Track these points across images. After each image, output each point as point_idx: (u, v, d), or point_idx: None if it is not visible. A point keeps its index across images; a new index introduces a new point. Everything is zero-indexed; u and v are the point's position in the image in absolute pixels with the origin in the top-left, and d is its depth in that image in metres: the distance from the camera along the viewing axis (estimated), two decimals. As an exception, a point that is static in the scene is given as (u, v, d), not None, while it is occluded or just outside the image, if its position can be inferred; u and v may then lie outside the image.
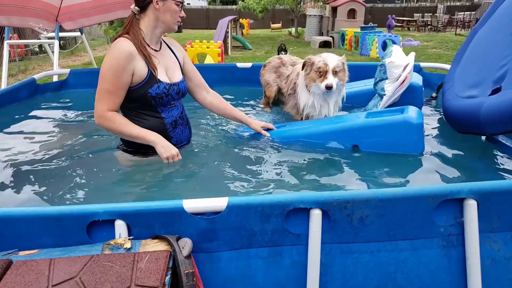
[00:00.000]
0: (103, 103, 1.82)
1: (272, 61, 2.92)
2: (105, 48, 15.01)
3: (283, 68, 2.83)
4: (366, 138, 2.05)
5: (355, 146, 2.09)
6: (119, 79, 1.79)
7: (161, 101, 1.92)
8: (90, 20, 4.49)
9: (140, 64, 1.83)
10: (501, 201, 1.20)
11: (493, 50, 2.24)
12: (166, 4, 1.86)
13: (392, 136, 2.01)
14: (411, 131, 1.98)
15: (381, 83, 2.40)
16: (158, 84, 1.88)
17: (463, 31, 17.79)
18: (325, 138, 2.14)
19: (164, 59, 1.98)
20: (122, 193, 1.74)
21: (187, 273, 1.02)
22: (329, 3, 14.34)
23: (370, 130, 2.04)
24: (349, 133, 2.09)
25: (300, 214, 1.18)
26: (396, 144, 2.01)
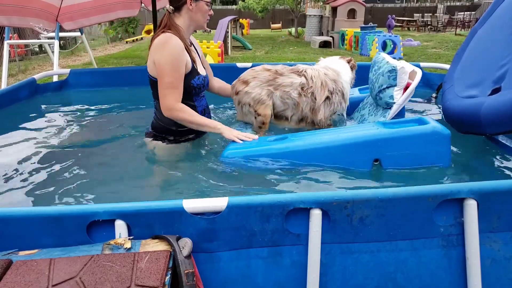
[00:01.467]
0: (171, 97, 1.96)
1: (257, 75, 2.26)
2: (105, 48, 15.01)
3: (282, 78, 2.24)
4: (390, 151, 1.79)
5: (376, 160, 1.81)
6: (178, 72, 1.95)
7: (199, 91, 2.14)
8: (90, 20, 4.49)
9: (187, 57, 2.02)
10: (501, 201, 1.20)
11: (493, 50, 2.24)
12: (199, 5, 2.04)
13: (419, 148, 1.80)
14: (440, 142, 1.79)
15: (389, 90, 2.18)
16: (198, 76, 2.10)
17: (463, 31, 17.78)
18: (342, 151, 1.80)
19: (195, 53, 2.22)
20: (122, 193, 1.74)
21: (187, 273, 1.02)
22: (329, 3, 14.34)
23: (396, 141, 1.79)
24: (371, 145, 1.79)
25: (300, 214, 1.18)
26: (422, 157, 1.81)
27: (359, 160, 1.80)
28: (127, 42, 16.86)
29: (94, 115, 2.90)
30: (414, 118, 1.99)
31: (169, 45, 1.92)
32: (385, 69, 2.22)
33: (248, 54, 11.98)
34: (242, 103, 2.29)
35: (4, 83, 5.31)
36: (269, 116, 2.25)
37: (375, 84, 2.29)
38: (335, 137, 1.83)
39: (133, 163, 2.03)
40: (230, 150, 1.91)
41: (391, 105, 2.21)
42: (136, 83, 3.53)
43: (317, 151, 1.81)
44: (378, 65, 2.40)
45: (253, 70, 2.33)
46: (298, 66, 2.33)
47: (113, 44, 16.26)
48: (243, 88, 2.27)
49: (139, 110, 2.98)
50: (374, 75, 2.38)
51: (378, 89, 2.25)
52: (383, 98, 2.24)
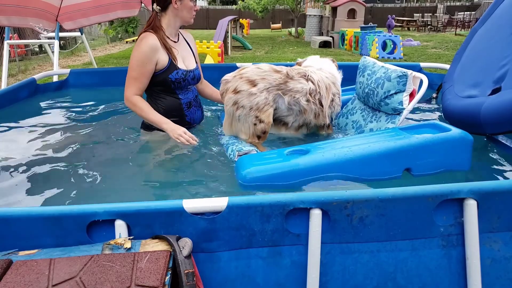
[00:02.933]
0: (130, 89, 2.16)
1: (266, 76, 2.04)
2: (105, 48, 15.01)
3: (293, 82, 2.08)
4: (422, 159, 1.74)
5: (407, 169, 1.77)
6: (143, 68, 2.12)
7: (179, 85, 2.24)
8: (90, 20, 4.48)
9: (162, 54, 2.15)
10: (501, 201, 1.21)
11: (493, 50, 2.24)
12: (183, 3, 2.17)
13: (448, 154, 1.77)
14: (467, 147, 1.78)
15: (397, 96, 2.12)
16: (177, 70, 2.20)
17: (463, 31, 17.79)
18: (376, 162, 1.71)
19: (181, 49, 2.30)
20: (122, 193, 1.74)
21: (187, 273, 1.02)
22: (329, 3, 14.34)
23: (428, 149, 1.74)
24: (405, 155, 1.72)
25: (300, 214, 1.18)
26: (448, 163, 1.78)
27: (392, 170, 1.75)
28: (127, 42, 16.86)
29: (94, 115, 2.90)
30: (428, 123, 1.97)
31: (141, 43, 2.12)
32: (391, 74, 2.15)
33: (248, 54, 11.98)
34: (240, 105, 2.02)
35: (4, 83, 5.31)
36: (271, 123, 2.08)
37: (377, 90, 2.20)
38: (367, 148, 1.71)
39: (133, 163, 2.03)
40: (248, 169, 1.66)
41: (400, 110, 2.14)
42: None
43: (350, 163, 1.68)
44: (371, 69, 2.34)
45: (260, 69, 2.07)
46: (300, 69, 2.18)
47: (113, 44, 16.26)
48: (247, 88, 2.01)
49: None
50: (369, 79, 2.31)
51: (383, 95, 2.16)
52: (391, 104, 2.15)
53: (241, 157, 1.86)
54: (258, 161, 1.72)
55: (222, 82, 2.12)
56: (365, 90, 2.33)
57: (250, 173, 1.65)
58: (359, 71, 2.45)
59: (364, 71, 2.39)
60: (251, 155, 1.85)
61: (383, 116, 2.25)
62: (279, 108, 2.10)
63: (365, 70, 2.39)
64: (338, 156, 1.69)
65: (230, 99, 2.05)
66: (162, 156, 2.11)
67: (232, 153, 1.97)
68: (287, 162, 1.68)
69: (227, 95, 2.07)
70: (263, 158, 1.76)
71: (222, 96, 2.13)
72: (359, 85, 2.42)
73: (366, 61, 2.44)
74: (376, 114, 2.31)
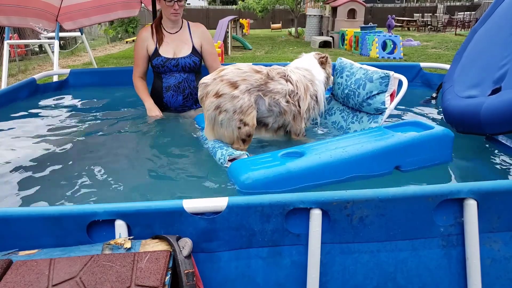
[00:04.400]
0: (134, 72, 2.77)
1: (247, 77, 1.97)
2: (105, 48, 15.01)
3: (273, 83, 2.03)
4: (411, 156, 1.80)
5: (396, 167, 1.82)
6: (137, 54, 2.72)
7: (158, 69, 2.66)
8: (90, 20, 4.48)
9: (151, 43, 2.65)
10: (501, 201, 1.20)
11: (493, 50, 2.24)
12: (161, 2, 2.58)
13: (434, 150, 1.85)
14: (449, 143, 1.87)
15: (379, 96, 2.18)
16: (157, 57, 2.63)
17: (463, 31, 17.79)
18: (369, 161, 1.74)
19: (175, 39, 2.67)
20: (122, 193, 1.74)
21: (187, 273, 1.02)
22: (329, 3, 14.34)
23: (416, 146, 1.80)
24: (395, 153, 1.78)
25: (300, 214, 1.18)
26: (433, 159, 1.86)
27: (384, 168, 1.79)
28: (127, 42, 16.86)
29: (94, 115, 2.90)
30: (410, 121, 2.04)
31: (137, 35, 2.74)
32: (373, 75, 2.19)
33: (248, 54, 11.98)
34: (223, 109, 1.94)
35: (4, 83, 5.31)
36: (255, 126, 2.02)
37: (359, 91, 2.24)
38: (360, 147, 1.75)
39: (133, 163, 2.03)
40: (247, 175, 1.62)
41: (382, 110, 2.19)
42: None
43: (346, 163, 1.70)
44: (349, 70, 2.37)
45: (240, 69, 2.01)
46: (279, 68, 2.13)
47: (113, 44, 16.27)
48: (230, 91, 1.93)
49: (139, 110, 2.97)
50: (348, 80, 2.34)
51: (366, 96, 2.20)
52: (373, 104, 2.20)
53: (234, 162, 1.79)
54: (255, 166, 1.67)
55: (201, 86, 2.02)
56: (345, 91, 2.36)
57: (250, 179, 1.60)
58: (336, 72, 2.48)
59: (342, 72, 2.42)
60: (245, 160, 1.79)
61: (365, 116, 2.29)
62: (260, 109, 2.04)
63: (343, 71, 2.42)
64: (334, 157, 1.69)
65: (211, 104, 1.96)
66: (163, 156, 2.10)
67: (222, 158, 1.89)
68: (285, 165, 1.65)
69: (208, 99, 1.97)
70: (259, 162, 1.72)
71: (202, 100, 2.03)
72: (337, 86, 2.44)
73: (343, 63, 2.47)
74: (357, 115, 2.34)
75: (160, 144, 2.26)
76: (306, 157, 1.71)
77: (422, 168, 1.83)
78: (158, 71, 2.67)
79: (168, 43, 2.64)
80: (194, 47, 2.67)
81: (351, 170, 1.72)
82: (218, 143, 2.04)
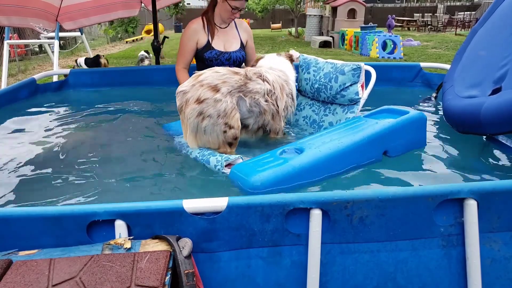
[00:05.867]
0: (178, 63, 2.71)
1: (226, 79, 1.95)
2: (105, 48, 15.01)
3: (252, 83, 2.02)
4: (394, 141, 1.94)
5: (384, 152, 1.94)
6: (184, 46, 2.67)
7: (211, 62, 2.64)
8: (90, 20, 4.48)
9: (202, 36, 2.64)
10: (501, 201, 1.20)
11: (493, 50, 2.24)
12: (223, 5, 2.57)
13: (415, 134, 2.01)
14: (424, 126, 2.04)
15: (353, 87, 2.28)
16: (211, 50, 2.63)
17: (463, 31, 17.79)
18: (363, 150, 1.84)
19: (226, 34, 2.71)
20: (122, 193, 1.74)
21: (187, 273, 1.02)
22: (329, 3, 14.34)
23: (400, 130, 1.94)
24: (383, 138, 1.89)
25: (300, 214, 1.18)
26: (413, 143, 2.02)
27: (376, 154, 1.91)
28: (127, 42, 16.87)
29: (94, 115, 2.90)
30: (383, 109, 2.19)
31: (186, 27, 2.70)
32: (344, 68, 2.30)
33: (248, 54, 11.94)
34: (207, 114, 1.88)
35: (4, 83, 5.32)
36: (240, 128, 1.98)
37: (331, 84, 2.33)
38: (354, 137, 1.83)
39: (133, 163, 2.03)
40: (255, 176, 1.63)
41: (356, 100, 2.30)
42: (136, 83, 3.54)
43: (344, 154, 1.77)
44: (315, 65, 2.45)
45: (218, 72, 1.97)
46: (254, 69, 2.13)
47: (113, 44, 16.27)
48: (212, 95, 1.87)
49: (139, 110, 2.98)
50: (316, 75, 2.42)
51: (339, 88, 2.30)
52: (347, 96, 2.29)
53: (237, 165, 1.78)
54: (260, 167, 1.68)
55: (179, 94, 1.95)
56: (315, 85, 2.44)
57: (259, 180, 1.60)
58: (301, 68, 2.55)
59: (308, 68, 2.50)
60: (247, 162, 1.78)
61: (338, 108, 2.38)
62: (241, 110, 2.01)
63: (309, 67, 2.49)
64: (333, 149, 1.75)
65: (193, 111, 1.89)
66: (163, 156, 2.11)
67: (219, 164, 1.84)
68: (289, 163, 1.68)
69: (189, 107, 1.90)
70: (262, 163, 1.73)
71: (181, 110, 1.95)
72: (304, 82, 2.51)
73: (307, 59, 2.55)
74: (329, 108, 2.43)
75: (160, 144, 2.26)
76: (306, 152, 1.74)
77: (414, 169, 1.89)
78: (209, 64, 2.61)
79: (219, 37, 2.67)
80: (241, 43, 2.76)
81: (351, 160, 1.80)
82: (206, 150, 1.98)
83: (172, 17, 13.32)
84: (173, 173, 1.89)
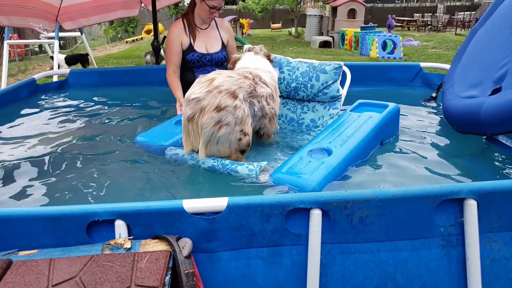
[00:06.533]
0: (167, 67, 2.73)
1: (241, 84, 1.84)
2: (105, 48, 15.01)
3: (259, 87, 1.96)
4: (387, 131, 2.19)
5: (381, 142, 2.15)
6: (170, 49, 2.70)
7: (193, 64, 2.72)
8: (90, 20, 4.49)
9: (185, 38, 2.70)
10: (501, 201, 1.20)
11: (493, 50, 2.24)
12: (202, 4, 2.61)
13: (396, 123, 2.30)
14: (399, 115, 2.32)
15: (334, 85, 2.39)
16: (193, 52, 2.69)
17: (463, 31, 17.78)
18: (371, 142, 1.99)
19: (206, 35, 2.75)
20: (122, 193, 1.74)
21: (187, 273, 1.02)
22: (329, 3, 14.34)
23: (390, 122, 2.19)
24: (381, 131, 2.11)
25: (300, 214, 1.18)
26: (393, 131, 2.29)
27: (377, 144, 2.12)
28: (127, 42, 16.87)
29: (94, 115, 2.90)
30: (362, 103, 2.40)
31: (169, 31, 2.72)
32: (325, 67, 2.39)
33: (248, 54, 11.94)
34: (225, 122, 1.75)
35: (4, 83, 5.32)
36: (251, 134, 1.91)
37: (311, 83, 2.41)
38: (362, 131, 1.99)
39: (133, 163, 2.03)
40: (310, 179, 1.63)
41: (337, 97, 2.42)
42: (136, 83, 3.55)
43: (363, 148, 1.94)
44: (288, 65, 2.52)
45: (230, 76, 1.85)
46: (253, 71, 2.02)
47: (113, 44, 16.28)
48: (231, 102, 1.75)
49: (139, 110, 2.98)
50: (291, 75, 2.48)
51: (321, 86, 2.39)
52: (329, 93, 2.41)
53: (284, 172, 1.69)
54: (306, 170, 1.69)
55: (190, 102, 1.76)
56: (291, 84, 2.49)
57: (315, 181, 1.62)
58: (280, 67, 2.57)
59: (281, 68, 2.54)
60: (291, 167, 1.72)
61: (318, 105, 2.47)
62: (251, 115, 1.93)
63: (282, 67, 2.55)
64: (355, 146, 1.88)
65: (211, 120, 1.73)
66: (163, 156, 2.10)
67: (252, 173, 1.75)
68: (329, 162, 1.73)
69: (205, 115, 1.72)
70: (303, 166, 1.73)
71: (193, 119, 1.76)
72: (279, 81, 2.49)
73: (277, 58, 2.61)
74: (307, 105, 2.51)
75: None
76: (336, 152, 1.82)
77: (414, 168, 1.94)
78: (191, 66, 2.73)
79: (200, 39, 2.72)
80: (223, 43, 2.80)
81: (366, 152, 1.98)
82: (223, 160, 1.86)
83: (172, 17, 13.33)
84: (173, 173, 1.89)
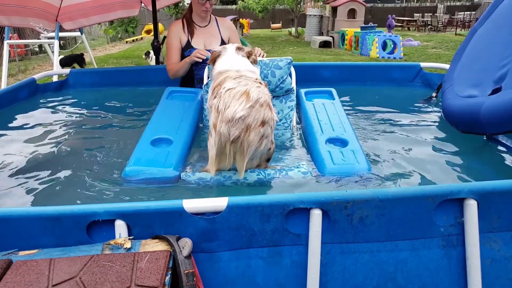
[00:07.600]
0: (168, 62, 2.84)
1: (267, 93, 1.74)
2: (105, 48, 15.01)
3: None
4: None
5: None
6: (171, 45, 2.80)
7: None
8: (90, 20, 4.48)
9: (183, 35, 2.80)
10: (501, 201, 1.20)
11: (493, 49, 2.24)
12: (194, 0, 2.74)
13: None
14: None
15: (288, 79, 2.52)
16: (190, 49, 2.75)
17: (463, 31, 17.77)
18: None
19: (205, 32, 2.83)
20: (122, 193, 1.74)
21: (187, 273, 1.02)
22: (329, 3, 14.34)
23: None
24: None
25: (300, 214, 1.18)
26: None
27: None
28: (127, 42, 16.86)
29: (94, 115, 2.90)
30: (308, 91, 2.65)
31: (169, 29, 2.84)
32: (278, 63, 2.49)
33: (248, 54, 11.94)
34: (265, 135, 1.64)
35: (4, 83, 5.32)
36: None
37: (268, 79, 2.47)
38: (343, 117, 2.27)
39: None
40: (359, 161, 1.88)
41: (291, 89, 2.55)
42: (136, 83, 3.54)
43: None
44: None
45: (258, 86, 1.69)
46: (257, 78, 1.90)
47: (113, 44, 16.27)
48: (271, 114, 1.66)
49: (139, 110, 2.97)
50: None
51: (278, 82, 2.48)
52: (285, 87, 2.51)
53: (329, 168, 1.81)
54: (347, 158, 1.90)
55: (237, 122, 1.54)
56: None
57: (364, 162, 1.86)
58: None
59: None
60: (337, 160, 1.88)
61: (274, 100, 2.50)
62: None
63: None
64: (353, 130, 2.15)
65: (258, 136, 1.58)
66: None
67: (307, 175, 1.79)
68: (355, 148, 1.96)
69: (252, 132, 1.57)
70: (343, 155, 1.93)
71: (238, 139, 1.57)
72: None
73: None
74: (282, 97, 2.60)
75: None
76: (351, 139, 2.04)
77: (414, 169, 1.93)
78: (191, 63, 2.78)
79: (199, 36, 2.80)
80: (222, 40, 2.84)
81: None
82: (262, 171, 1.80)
83: (172, 17, 13.32)
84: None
